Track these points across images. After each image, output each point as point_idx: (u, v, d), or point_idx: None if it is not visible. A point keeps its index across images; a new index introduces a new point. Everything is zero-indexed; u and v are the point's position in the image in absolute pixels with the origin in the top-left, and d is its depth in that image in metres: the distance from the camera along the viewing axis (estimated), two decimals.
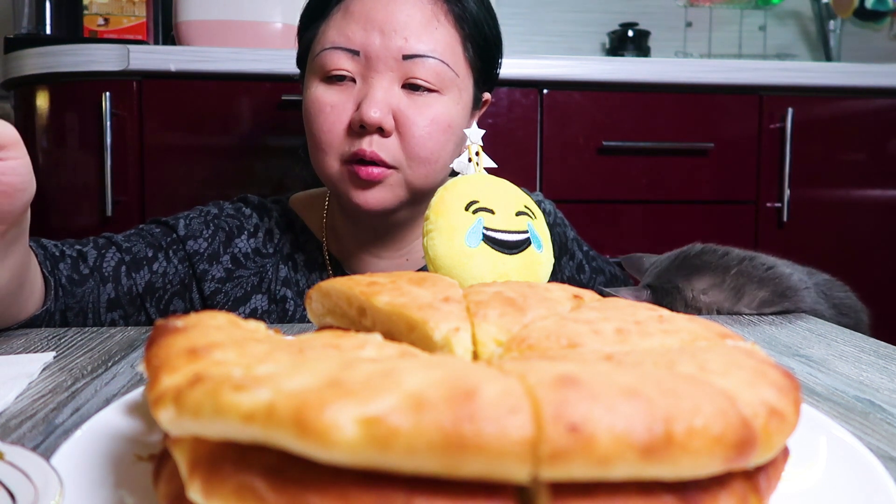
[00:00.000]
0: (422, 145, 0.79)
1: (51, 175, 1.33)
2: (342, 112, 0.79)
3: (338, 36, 0.80)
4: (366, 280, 0.39)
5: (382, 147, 0.78)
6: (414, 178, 0.81)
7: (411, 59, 0.78)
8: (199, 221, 0.88)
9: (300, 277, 0.90)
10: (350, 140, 0.79)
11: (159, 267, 0.84)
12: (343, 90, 0.80)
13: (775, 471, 0.29)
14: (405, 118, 0.79)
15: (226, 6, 1.40)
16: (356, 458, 0.22)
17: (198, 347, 0.27)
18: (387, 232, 0.89)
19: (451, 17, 0.82)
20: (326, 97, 0.80)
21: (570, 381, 0.24)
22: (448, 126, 0.81)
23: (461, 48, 0.83)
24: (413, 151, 0.79)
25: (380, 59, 0.78)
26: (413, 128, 0.79)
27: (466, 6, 0.83)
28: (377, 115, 0.76)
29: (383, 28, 0.78)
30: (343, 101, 0.79)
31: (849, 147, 1.52)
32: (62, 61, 1.29)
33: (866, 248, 1.54)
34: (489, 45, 0.86)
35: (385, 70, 0.79)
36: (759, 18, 2.11)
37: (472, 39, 0.84)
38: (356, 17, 0.79)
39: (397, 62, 0.78)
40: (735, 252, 0.78)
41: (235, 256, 0.88)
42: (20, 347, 0.62)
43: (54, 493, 0.27)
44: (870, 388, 0.51)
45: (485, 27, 0.85)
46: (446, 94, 0.81)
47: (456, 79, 0.82)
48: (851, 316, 0.81)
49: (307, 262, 0.91)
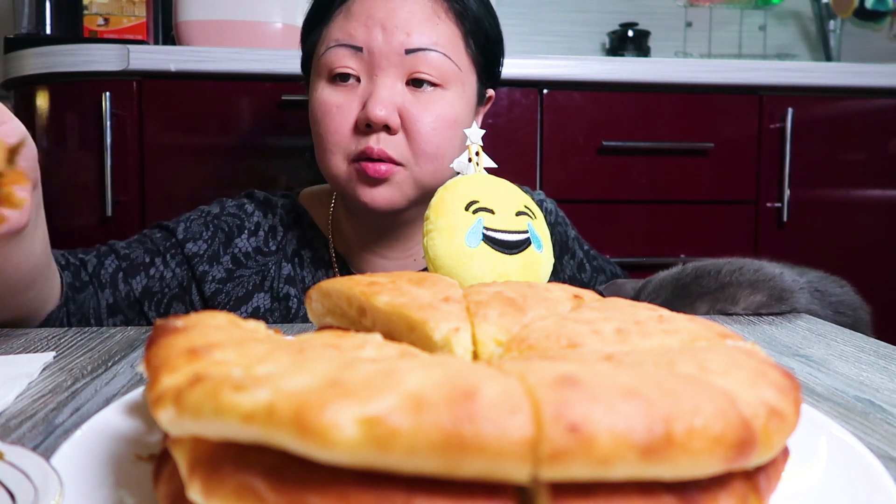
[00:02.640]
0: (428, 141, 0.80)
1: (51, 175, 1.33)
2: (348, 112, 0.80)
3: (341, 34, 0.80)
4: (366, 280, 0.39)
5: (389, 144, 0.79)
6: (422, 175, 0.81)
7: (414, 53, 0.79)
8: (199, 223, 0.88)
9: (306, 274, 0.90)
10: (357, 139, 0.80)
11: (156, 272, 0.85)
12: (348, 90, 0.80)
13: (775, 471, 0.29)
14: (410, 115, 0.79)
15: (226, 6, 1.40)
16: (356, 458, 0.22)
17: (198, 347, 0.27)
18: (391, 231, 0.89)
19: (451, 13, 0.83)
20: (332, 98, 0.80)
21: (570, 381, 0.24)
22: (454, 121, 0.82)
23: (463, 43, 0.83)
24: (419, 148, 0.80)
25: (383, 56, 0.79)
26: (419, 124, 0.79)
27: (466, 3, 0.83)
28: (382, 113, 0.77)
29: (385, 24, 0.79)
30: (348, 100, 0.80)
31: (849, 147, 1.52)
32: (62, 61, 1.29)
33: (866, 248, 1.54)
34: (490, 42, 0.87)
35: (389, 66, 0.79)
36: (759, 18, 2.11)
37: (474, 35, 0.84)
38: (357, 15, 0.80)
39: (400, 57, 0.79)
40: (725, 268, 0.77)
41: (236, 256, 0.88)
42: (20, 347, 0.62)
43: (54, 493, 0.27)
44: (870, 388, 0.51)
45: (485, 24, 0.86)
46: (450, 88, 0.82)
47: (459, 72, 0.82)
48: (849, 314, 0.81)
49: (314, 258, 0.91)
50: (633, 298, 0.80)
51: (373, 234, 0.89)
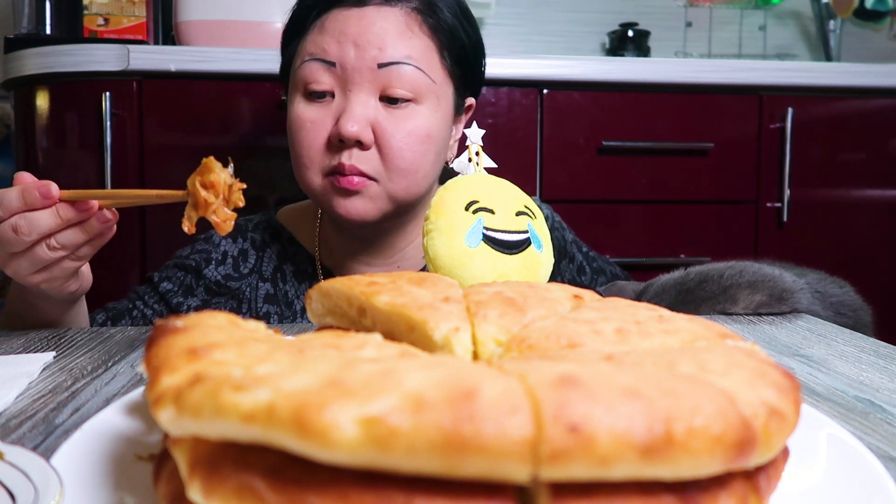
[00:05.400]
0: (400, 157, 0.80)
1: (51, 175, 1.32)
2: (321, 128, 0.80)
3: (314, 48, 0.81)
4: (366, 280, 0.39)
5: (362, 160, 0.79)
6: (395, 190, 0.82)
7: (387, 67, 0.79)
8: (172, 266, 0.94)
9: (289, 288, 0.92)
10: (330, 154, 0.81)
11: (138, 313, 0.90)
12: (323, 106, 0.81)
13: (775, 471, 0.29)
14: (383, 131, 0.79)
15: (226, 6, 1.40)
16: (356, 458, 0.22)
17: (198, 347, 0.27)
18: (376, 241, 0.90)
19: (425, 27, 0.82)
20: (307, 114, 0.81)
21: (570, 381, 0.24)
22: (427, 136, 0.82)
23: (438, 56, 0.83)
24: (392, 163, 0.80)
25: (356, 71, 0.79)
26: (391, 140, 0.80)
27: (441, 16, 0.83)
28: (354, 129, 0.77)
29: (357, 41, 0.79)
30: (322, 116, 0.80)
31: (849, 147, 1.52)
32: (62, 61, 1.29)
33: (866, 248, 1.54)
34: (467, 53, 0.87)
35: (362, 82, 0.79)
36: (759, 18, 2.11)
37: (449, 48, 0.84)
38: (331, 31, 0.81)
39: (373, 72, 0.79)
40: (727, 272, 0.77)
41: (208, 286, 0.91)
42: (20, 347, 0.62)
43: (54, 493, 0.27)
44: (870, 388, 0.51)
45: (461, 35, 0.85)
46: (424, 102, 0.81)
47: (433, 86, 0.82)
48: (850, 315, 0.81)
49: (296, 272, 0.93)
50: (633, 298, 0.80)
51: (357, 242, 0.90)
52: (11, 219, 0.60)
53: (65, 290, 0.67)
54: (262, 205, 1.32)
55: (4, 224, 0.60)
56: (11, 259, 0.62)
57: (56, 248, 0.62)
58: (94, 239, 0.63)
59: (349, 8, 0.81)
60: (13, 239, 0.60)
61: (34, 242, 0.61)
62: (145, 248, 1.32)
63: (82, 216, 0.61)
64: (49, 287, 0.66)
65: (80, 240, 0.62)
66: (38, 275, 0.63)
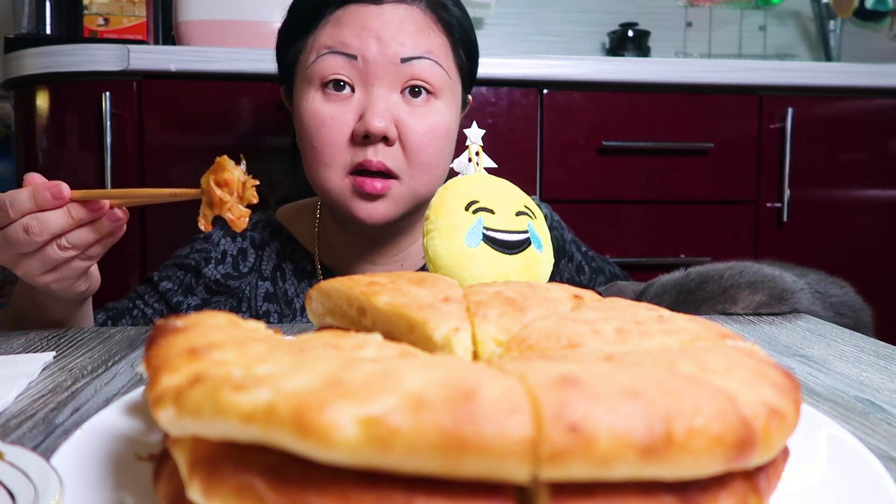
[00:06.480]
0: (423, 152, 0.80)
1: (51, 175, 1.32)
2: (343, 123, 0.79)
3: (332, 42, 0.80)
4: (366, 280, 0.39)
5: (387, 156, 0.79)
6: (417, 186, 0.81)
7: (409, 62, 0.79)
8: (172, 265, 0.93)
9: (289, 287, 0.91)
10: (353, 151, 0.79)
11: (138, 312, 0.90)
12: (342, 101, 0.80)
13: (775, 471, 0.29)
14: (406, 126, 0.79)
15: (226, 6, 1.40)
16: (356, 458, 0.22)
17: (198, 347, 0.27)
18: (383, 240, 0.90)
19: (440, 24, 0.83)
20: (326, 110, 0.80)
21: (570, 381, 0.24)
22: (447, 131, 0.83)
23: (452, 52, 0.85)
24: (415, 159, 0.80)
25: (378, 65, 0.79)
26: (414, 135, 0.79)
27: (453, 13, 0.85)
28: (382, 125, 0.77)
29: (380, 35, 0.79)
30: (343, 112, 0.79)
31: (849, 147, 1.52)
32: (62, 61, 1.29)
33: (866, 248, 1.54)
34: (473, 49, 0.89)
35: (384, 76, 0.79)
36: (759, 18, 2.11)
37: (461, 44, 0.86)
38: (349, 25, 0.80)
39: (395, 66, 0.79)
40: (728, 273, 0.77)
41: (208, 285, 0.91)
42: (20, 347, 0.62)
43: (54, 493, 0.27)
44: (870, 388, 0.51)
45: (469, 32, 0.88)
46: (441, 97, 0.82)
47: (449, 81, 0.83)
48: (850, 315, 0.81)
49: (296, 270, 0.92)
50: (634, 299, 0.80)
51: (363, 242, 0.90)
52: (23, 219, 0.60)
53: (74, 290, 0.67)
54: (262, 204, 1.32)
55: (16, 224, 0.60)
56: (22, 259, 0.62)
57: (67, 248, 0.62)
58: (104, 238, 0.63)
59: (366, 4, 0.80)
60: (24, 239, 0.60)
61: (45, 243, 0.61)
62: (145, 248, 1.32)
63: (93, 216, 0.61)
64: (59, 287, 0.66)
65: (90, 239, 0.62)
66: (48, 275, 0.63)
